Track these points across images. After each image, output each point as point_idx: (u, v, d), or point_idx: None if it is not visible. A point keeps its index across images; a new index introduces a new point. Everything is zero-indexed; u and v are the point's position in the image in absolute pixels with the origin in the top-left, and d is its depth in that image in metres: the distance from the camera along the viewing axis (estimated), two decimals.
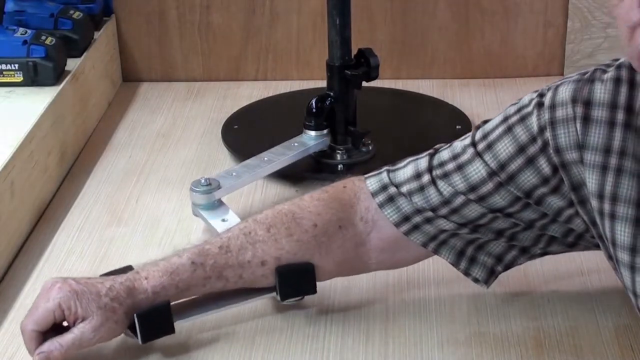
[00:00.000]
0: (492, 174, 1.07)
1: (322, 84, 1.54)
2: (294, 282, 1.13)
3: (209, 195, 1.34)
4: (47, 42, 1.56)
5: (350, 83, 1.50)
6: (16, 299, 1.23)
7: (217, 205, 1.34)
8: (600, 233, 1.05)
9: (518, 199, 1.07)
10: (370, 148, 1.52)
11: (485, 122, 1.11)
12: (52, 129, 1.47)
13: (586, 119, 1.01)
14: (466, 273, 1.15)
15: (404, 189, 1.12)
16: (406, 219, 1.12)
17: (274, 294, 1.14)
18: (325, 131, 1.50)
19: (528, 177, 1.06)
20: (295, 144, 1.48)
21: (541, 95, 1.06)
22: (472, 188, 1.08)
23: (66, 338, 1.05)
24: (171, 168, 1.55)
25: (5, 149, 1.33)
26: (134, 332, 1.08)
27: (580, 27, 1.80)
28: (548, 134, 1.03)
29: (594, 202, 1.02)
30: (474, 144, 1.09)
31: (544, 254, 1.16)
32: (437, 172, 1.10)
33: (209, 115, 1.73)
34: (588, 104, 1.01)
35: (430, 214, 1.11)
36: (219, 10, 1.83)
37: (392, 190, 1.12)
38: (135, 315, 1.07)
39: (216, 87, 1.84)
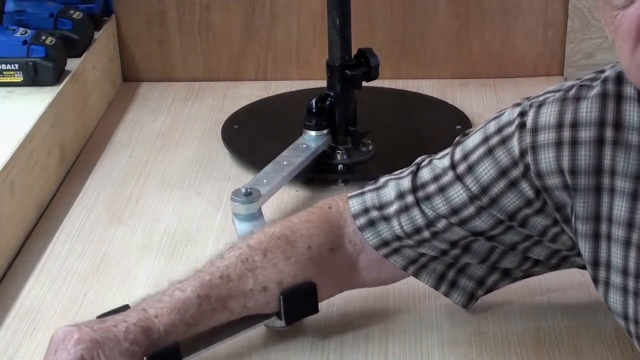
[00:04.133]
0: (473, 198, 1.05)
1: (322, 84, 1.54)
2: (298, 304, 1.10)
3: (252, 205, 1.31)
4: (47, 42, 1.56)
5: (350, 83, 1.50)
6: (16, 298, 1.23)
7: (257, 215, 1.32)
8: (584, 258, 1.02)
9: (501, 222, 1.06)
10: (370, 148, 1.52)
11: (465, 135, 1.09)
12: (52, 129, 1.47)
13: (574, 143, 0.98)
14: (446, 295, 1.14)
15: (388, 210, 1.10)
16: (385, 243, 1.11)
17: (274, 318, 1.11)
18: (325, 131, 1.50)
19: (511, 200, 1.04)
20: (304, 145, 1.48)
21: (522, 114, 1.02)
22: (454, 211, 1.06)
23: None
24: (171, 168, 1.55)
25: (5, 149, 1.33)
26: None
27: (580, 27, 1.80)
28: (529, 158, 1.01)
29: (586, 226, 1.00)
30: (453, 166, 1.07)
31: (526, 276, 1.15)
32: (420, 194, 1.09)
33: (209, 115, 1.73)
34: (575, 125, 0.99)
35: (409, 241, 1.10)
36: (219, 10, 1.83)
37: (374, 213, 1.11)
38: (145, 358, 1.00)
39: (216, 87, 1.84)
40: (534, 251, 1.09)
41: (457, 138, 1.09)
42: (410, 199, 1.09)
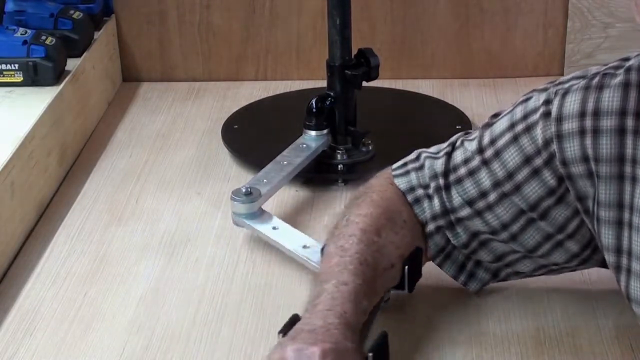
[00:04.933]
0: (497, 183, 1.08)
1: (322, 84, 1.54)
2: (415, 271, 1.14)
3: (253, 204, 1.32)
4: (47, 42, 1.56)
5: (351, 83, 1.50)
6: (16, 299, 1.23)
7: (260, 213, 1.33)
8: (606, 245, 1.04)
9: (522, 212, 1.07)
10: (370, 148, 1.52)
11: (495, 116, 1.11)
12: (52, 129, 1.47)
13: (596, 131, 1.00)
14: (464, 285, 1.17)
15: (429, 190, 1.13)
16: (426, 223, 1.14)
17: (389, 292, 1.14)
18: (325, 131, 1.50)
19: (533, 189, 1.06)
20: (304, 145, 1.48)
21: (547, 102, 1.04)
22: (483, 195, 1.09)
23: None
24: (171, 168, 1.55)
25: (5, 149, 1.33)
26: None
27: (580, 27, 1.80)
28: (555, 147, 1.03)
29: (609, 213, 1.01)
30: (481, 150, 1.09)
31: (539, 275, 1.17)
32: (452, 177, 1.11)
33: (209, 115, 1.73)
34: (597, 114, 1.00)
35: (442, 222, 1.13)
36: (219, 10, 1.83)
37: (419, 192, 1.14)
38: (370, 354, 1.00)
39: (216, 87, 1.84)
40: (554, 255, 1.10)
41: (487, 119, 1.12)
42: (441, 181, 1.12)
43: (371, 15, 1.81)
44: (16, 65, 1.54)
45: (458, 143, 1.13)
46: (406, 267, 1.11)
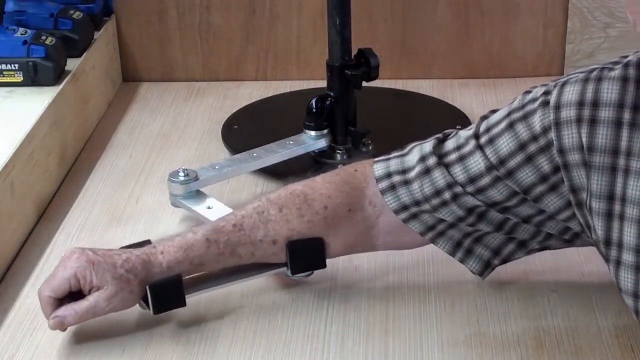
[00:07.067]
0: (491, 167, 1.08)
1: (322, 84, 1.54)
2: (305, 256, 1.17)
3: (186, 186, 1.36)
4: (47, 42, 1.56)
5: (351, 83, 1.50)
6: (16, 298, 1.23)
7: (196, 195, 1.37)
8: (597, 237, 1.05)
9: (515, 193, 1.08)
10: (370, 148, 1.52)
11: (493, 111, 1.12)
12: (52, 129, 1.47)
13: (593, 121, 1.01)
14: (461, 262, 1.17)
15: (410, 175, 1.13)
16: (405, 208, 1.14)
17: (285, 269, 1.17)
18: (325, 131, 1.50)
19: (527, 174, 1.07)
20: (290, 142, 1.48)
21: (547, 93, 1.06)
22: (471, 180, 1.10)
23: (81, 305, 1.10)
24: (171, 168, 1.54)
25: (5, 149, 1.33)
26: (147, 304, 1.11)
27: (580, 27, 1.80)
28: (553, 134, 1.04)
29: (599, 204, 1.02)
30: (477, 135, 1.10)
31: (542, 248, 1.17)
32: (442, 160, 1.12)
33: (209, 115, 1.73)
34: (595, 104, 1.02)
35: (427, 206, 1.13)
36: (219, 10, 1.83)
37: (396, 178, 1.14)
38: (147, 286, 1.10)
39: (216, 87, 1.84)
40: (547, 226, 1.12)
41: (485, 113, 1.13)
42: (431, 161, 1.12)
43: (371, 15, 1.81)
44: (16, 65, 1.54)
45: (452, 134, 1.15)
46: (287, 247, 1.15)
